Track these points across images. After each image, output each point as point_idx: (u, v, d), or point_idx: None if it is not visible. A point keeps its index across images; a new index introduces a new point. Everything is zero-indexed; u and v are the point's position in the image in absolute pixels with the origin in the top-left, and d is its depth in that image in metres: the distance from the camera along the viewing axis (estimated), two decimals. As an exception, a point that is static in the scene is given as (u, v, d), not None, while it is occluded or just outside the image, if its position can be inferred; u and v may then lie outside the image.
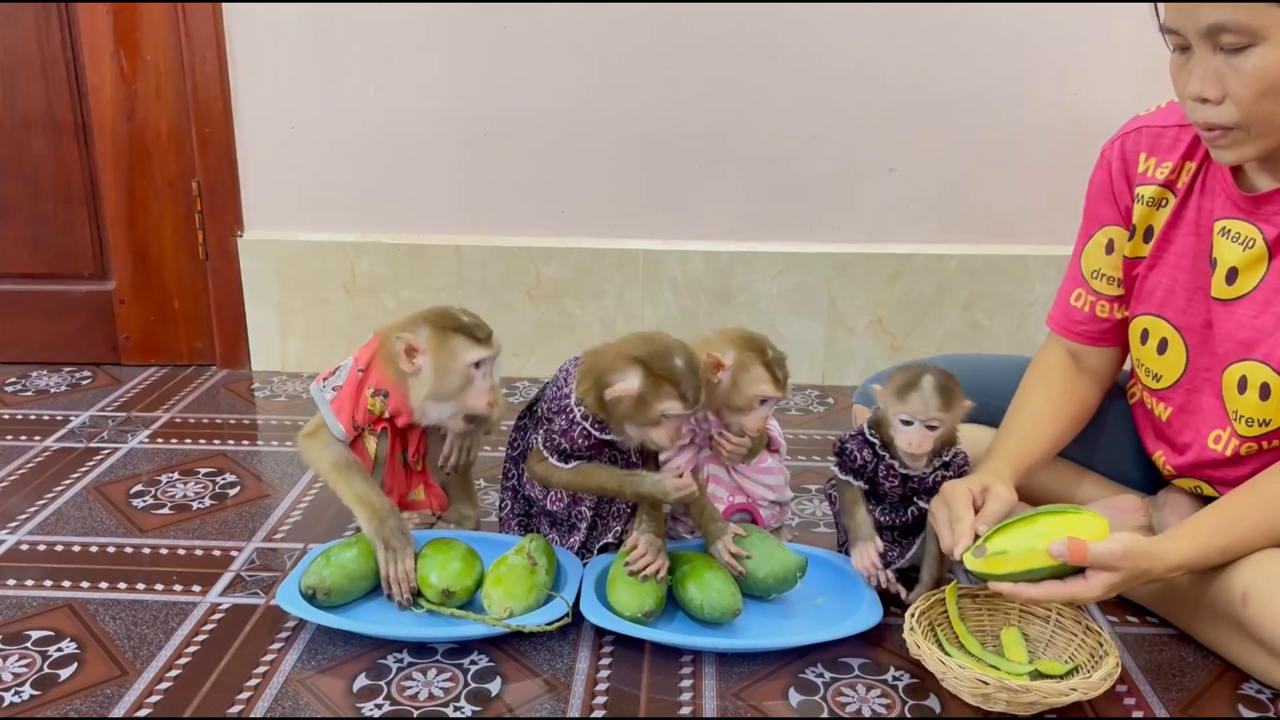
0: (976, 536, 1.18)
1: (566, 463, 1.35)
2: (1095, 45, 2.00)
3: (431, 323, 1.37)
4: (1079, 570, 1.12)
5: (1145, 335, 1.34)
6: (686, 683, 1.21)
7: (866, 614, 1.27)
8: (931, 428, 1.26)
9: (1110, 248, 1.36)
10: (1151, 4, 1.14)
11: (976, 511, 1.22)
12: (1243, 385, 1.23)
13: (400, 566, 1.31)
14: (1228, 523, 1.18)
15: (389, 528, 1.33)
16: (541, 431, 1.38)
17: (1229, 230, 1.23)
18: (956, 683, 1.14)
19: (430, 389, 1.37)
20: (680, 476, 1.31)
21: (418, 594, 1.32)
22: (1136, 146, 1.32)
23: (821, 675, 1.22)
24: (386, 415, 1.40)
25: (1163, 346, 1.32)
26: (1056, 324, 1.44)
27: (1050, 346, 1.45)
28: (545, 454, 1.37)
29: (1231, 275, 1.23)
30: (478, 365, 1.36)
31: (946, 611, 1.26)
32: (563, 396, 1.33)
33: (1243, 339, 1.23)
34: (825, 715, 1.15)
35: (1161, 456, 1.37)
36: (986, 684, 1.11)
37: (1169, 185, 1.29)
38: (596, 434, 1.32)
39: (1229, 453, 1.27)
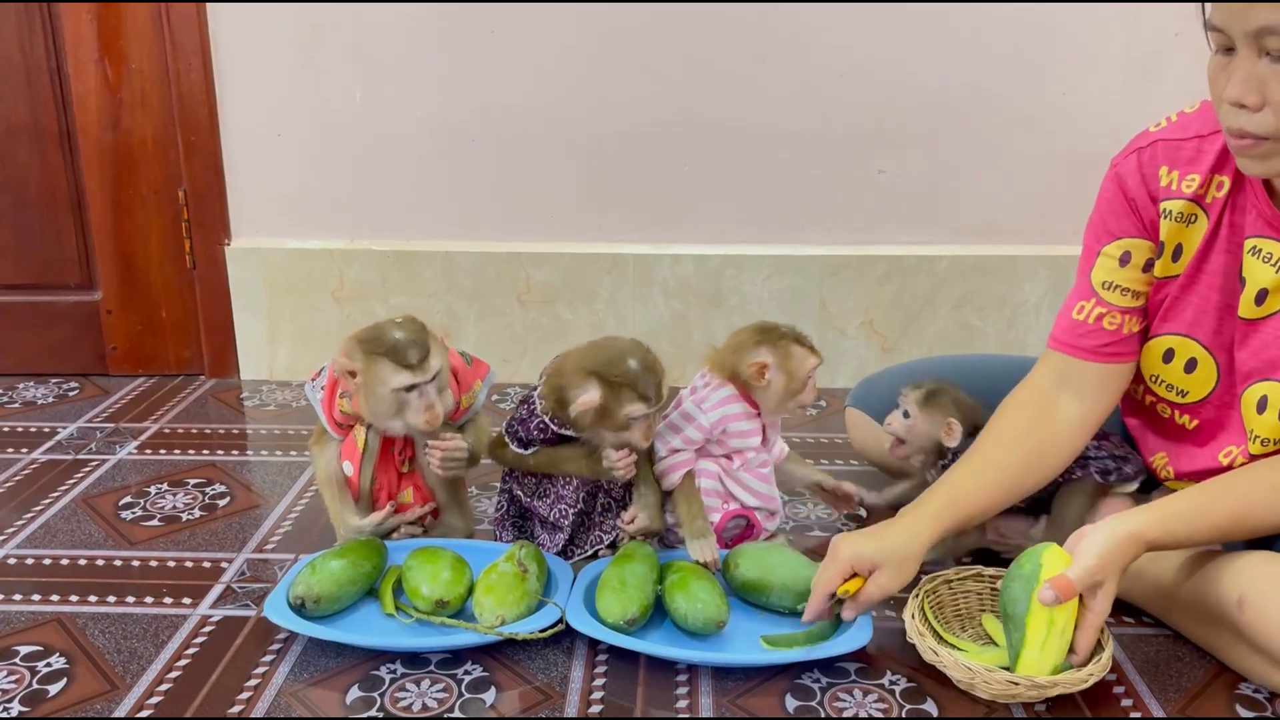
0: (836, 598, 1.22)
1: (526, 449, 1.40)
2: (1083, 45, 2.00)
3: (362, 344, 1.33)
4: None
5: (1170, 354, 1.29)
6: (682, 689, 1.20)
7: (857, 634, 1.24)
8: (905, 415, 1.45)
9: (1126, 260, 1.28)
10: (1199, 1, 1.08)
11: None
12: (1262, 405, 1.21)
13: None
14: (1202, 504, 1.18)
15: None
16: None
17: (1260, 250, 1.19)
18: (985, 685, 1.15)
19: (368, 410, 1.37)
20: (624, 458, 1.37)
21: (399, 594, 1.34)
22: (1154, 160, 1.25)
23: (818, 680, 1.21)
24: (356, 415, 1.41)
25: (1191, 366, 1.28)
26: (1058, 341, 1.33)
27: (1033, 376, 1.35)
28: (506, 439, 1.41)
29: (1261, 296, 1.19)
30: (408, 389, 1.33)
31: (941, 610, 1.28)
32: (532, 388, 1.40)
33: (1267, 359, 1.20)
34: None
35: (1164, 458, 1.36)
36: (1017, 684, 1.12)
37: (1198, 200, 1.24)
38: (554, 429, 1.37)
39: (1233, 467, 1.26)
